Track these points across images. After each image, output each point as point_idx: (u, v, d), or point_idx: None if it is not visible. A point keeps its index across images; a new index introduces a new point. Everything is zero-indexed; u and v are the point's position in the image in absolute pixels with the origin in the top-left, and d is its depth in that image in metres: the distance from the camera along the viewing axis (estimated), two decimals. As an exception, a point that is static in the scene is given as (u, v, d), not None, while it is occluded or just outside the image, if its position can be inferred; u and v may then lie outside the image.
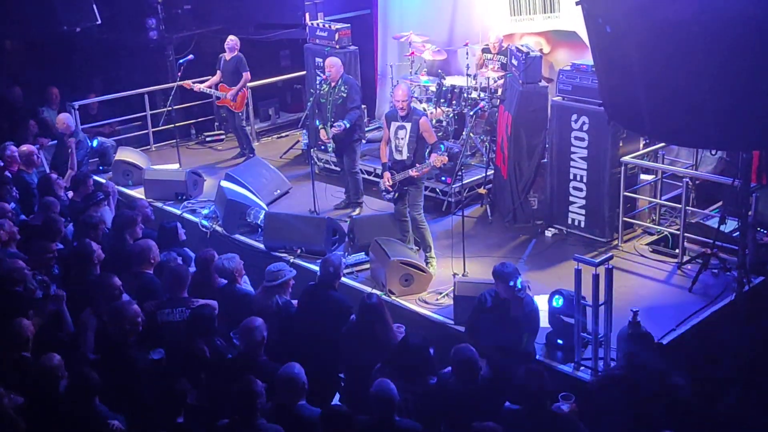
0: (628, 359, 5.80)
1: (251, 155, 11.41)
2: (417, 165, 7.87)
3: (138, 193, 10.33)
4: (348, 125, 9.18)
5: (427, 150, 7.90)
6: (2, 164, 9.31)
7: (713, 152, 8.25)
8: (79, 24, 11.24)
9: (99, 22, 11.21)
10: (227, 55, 11.21)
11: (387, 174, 8.09)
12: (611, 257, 6.38)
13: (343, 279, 7.85)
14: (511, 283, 6.20)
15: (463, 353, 5.52)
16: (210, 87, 11.28)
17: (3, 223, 7.34)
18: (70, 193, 8.96)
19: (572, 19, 10.52)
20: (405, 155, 7.95)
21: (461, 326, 6.98)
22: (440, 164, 7.89)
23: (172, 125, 11.36)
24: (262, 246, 8.78)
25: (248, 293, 6.96)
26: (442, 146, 8.18)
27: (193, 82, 11.29)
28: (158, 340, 6.13)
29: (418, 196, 8.13)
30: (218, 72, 11.30)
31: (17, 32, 11.74)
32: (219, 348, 5.97)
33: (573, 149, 8.61)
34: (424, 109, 10.17)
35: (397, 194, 8.09)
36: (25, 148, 9.61)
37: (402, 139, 7.94)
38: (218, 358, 5.85)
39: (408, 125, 7.90)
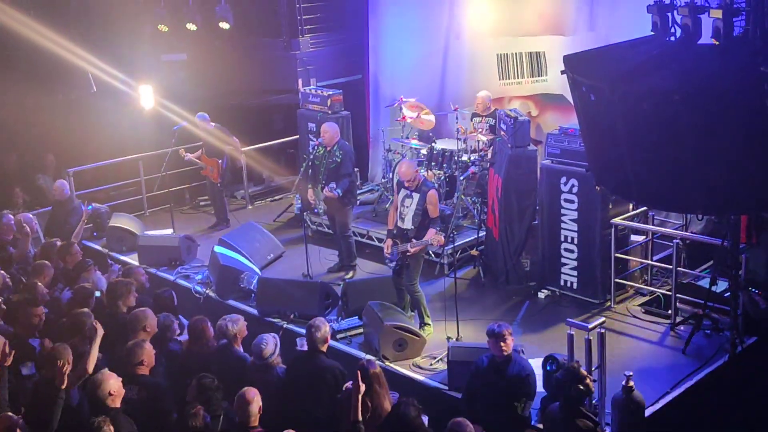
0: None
1: (226, 226, 11.38)
2: (413, 240, 7.90)
3: (132, 259, 10.36)
4: (340, 194, 9.26)
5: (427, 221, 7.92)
6: None
7: (699, 216, 8.30)
8: (75, 92, 11.41)
9: (94, 90, 11.39)
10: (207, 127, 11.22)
11: (389, 241, 8.14)
12: (603, 321, 6.41)
13: (337, 344, 7.88)
14: (505, 343, 6.22)
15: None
16: (197, 158, 11.32)
17: None
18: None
19: (560, 82, 10.72)
20: (408, 225, 7.99)
21: (456, 392, 6.96)
22: (436, 244, 7.92)
23: (166, 190, 11.45)
24: (255, 311, 8.77)
25: (243, 357, 6.92)
26: (438, 226, 8.17)
27: (185, 150, 11.34)
28: None
29: (416, 269, 8.08)
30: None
31: (13, 100, 11.91)
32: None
33: (563, 211, 8.69)
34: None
35: (398, 265, 8.08)
36: (20, 216, 9.66)
37: (407, 207, 8.00)
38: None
39: (416, 196, 7.94)
